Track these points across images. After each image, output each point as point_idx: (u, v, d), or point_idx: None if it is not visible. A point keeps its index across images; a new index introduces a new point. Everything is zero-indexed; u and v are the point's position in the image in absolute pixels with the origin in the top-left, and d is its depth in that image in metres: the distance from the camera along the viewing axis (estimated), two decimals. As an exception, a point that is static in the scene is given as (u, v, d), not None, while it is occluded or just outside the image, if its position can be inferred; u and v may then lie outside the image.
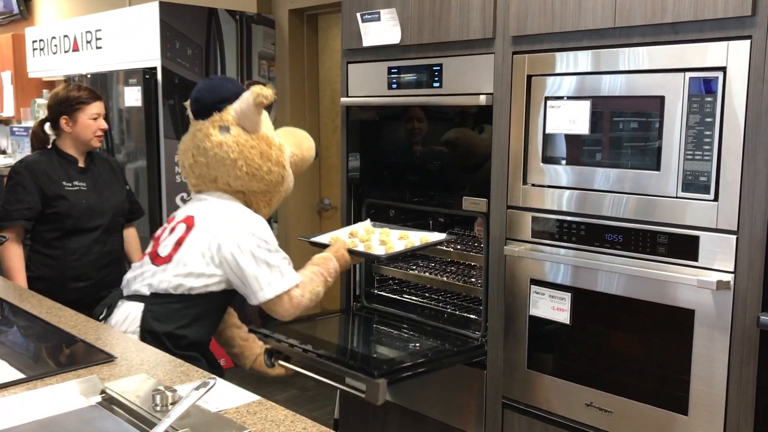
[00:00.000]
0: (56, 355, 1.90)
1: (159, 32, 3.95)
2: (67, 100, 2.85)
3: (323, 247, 2.52)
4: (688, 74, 2.00)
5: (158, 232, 2.37)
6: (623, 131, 2.18)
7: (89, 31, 4.58)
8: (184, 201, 4.11)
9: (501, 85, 2.43)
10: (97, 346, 1.84)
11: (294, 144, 2.40)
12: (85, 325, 2.04)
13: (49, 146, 2.94)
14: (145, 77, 4.01)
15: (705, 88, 1.97)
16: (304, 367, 2.53)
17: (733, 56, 1.91)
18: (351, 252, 2.45)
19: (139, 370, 1.68)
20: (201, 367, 2.13)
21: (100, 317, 2.27)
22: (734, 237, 1.94)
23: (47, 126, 2.94)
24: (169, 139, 4.02)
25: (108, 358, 1.75)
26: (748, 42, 1.89)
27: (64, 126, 2.86)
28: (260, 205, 2.35)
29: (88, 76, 4.46)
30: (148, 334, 2.16)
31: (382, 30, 2.77)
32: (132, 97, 4.07)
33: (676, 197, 2.04)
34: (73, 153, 2.91)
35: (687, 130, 2.01)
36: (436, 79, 2.64)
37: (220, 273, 2.19)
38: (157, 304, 2.19)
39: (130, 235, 3.15)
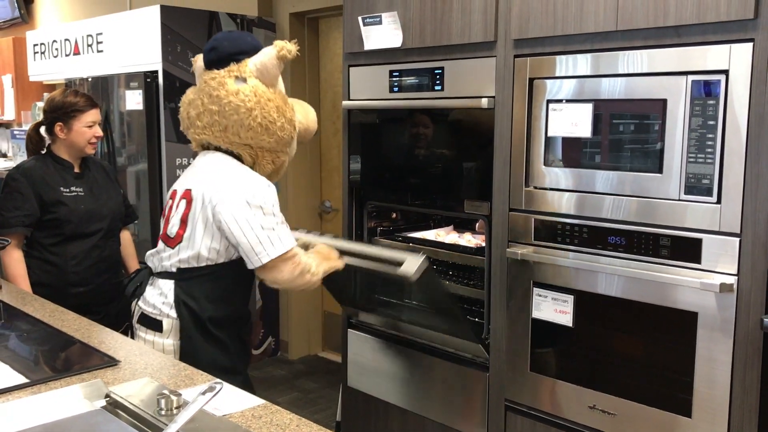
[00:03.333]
0: (60, 358, 1.90)
1: (160, 36, 3.95)
2: (62, 106, 2.83)
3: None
4: (691, 77, 2.00)
5: (165, 210, 2.36)
6: (625, 134, 2.18)
7: (90, 35, 4.58)
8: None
9: (503, 88, 2.43)
10: (100, 350, 1.84)
11: (301, 112, 2.40)
12: (88, 329, 2.04)
13: (44, 151, 2.92)
14: (147, 80, 4.01)
15: (707, 91, 1.97)
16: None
17: (735, 59, 1.91)
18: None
19: (143, 373, 1.68)
20: (228, 356, 2.24)
21: (131, 296, 2.32)
22: (737, 239, 1.95)
23: (42, 129, 2.91)
24: (170, 142, 4.02)
25: (112, 361, 1.75)
26: (750, 45, 1.89)
27: (58, 132, 2.84)
28: (266, 162, 2.32)
29: (89, 79, 4.46)
30: (184, 308, 2.19)
31: (384, 33, 2.78)
32: (133, 100, 4.07)
33: (679, 200, 2.04)
34: (67, 158, 2.89)
35: (689, 132, 2.01)
36: (438, 82, 2.64)
37: (226, 242, 2.20)
38: (186, 279, 2.21)
39: (125, 239, 3.13)
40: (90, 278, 2.86)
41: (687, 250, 2.03)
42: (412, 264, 2.25)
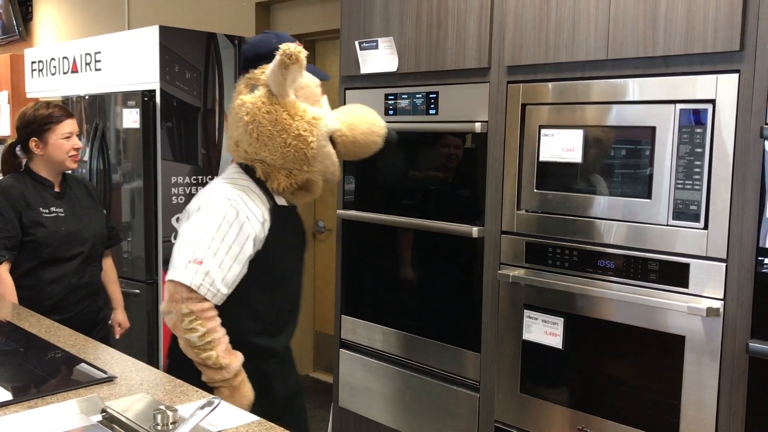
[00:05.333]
0: (56, 374, 1.91)
1: (159, 56, 4.00)
2: (35, 120, 2.64)
3: None
4: (679, 105, 2.06)
5: None
6: (615, 160, 2.23)
7: (89, 53, 4.62)
8: (179, 221, 4.13)
9: (496, 113, 2.48)
10: (96, 366, 1.85)
11: (348, 123, 2.00)
12: (84, 345, 2.05)
13: (22, 169, 2.71)
14: (144, 99, 4.05)
15: (695, 119, 2.03)
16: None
17: (722, 89, 1.97)
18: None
19: (138, 389, 1.70)
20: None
21: None
22: (724, 265, 1.99)
23: (18, 149, 2.72)
24: (166, 160, 4.05)
25: (108, 377, 1.77)
26: (736, 76, 1.95)
27: (34, 149, 2.64)
28: (280, 177, 1.98)
29: (86, 97, 4.50)
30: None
31: (380, 58, 2.83)
32: (130, 118, 4.11)
33: (667, 225, 2.09)
34: (47, 176, 2.68)
35: (677, 159, 2.07)
36: (433, 106, 2.69)
37: None
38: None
39: (107, 264, 2.91)
40: (68, 306, 2.65)
41: (675, 274, 2.08)
42: None
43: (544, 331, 2.37)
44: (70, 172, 2.80)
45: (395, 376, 2.90)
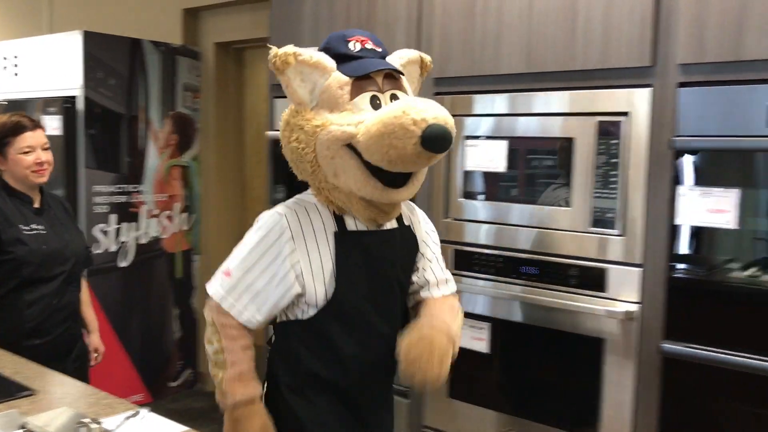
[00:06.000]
0: (-29, 390, 1.84)
1: (82, 61, 3.89)
2: None
3: None
4: (597, 118, 2.15)
5: None
6: (537, 170, 2.31)
7: (5, 57, 4.46)
8: (103, 232, 4.03)
9: (424, 124, 2.53)
10: (15, 380, 1.80)
11: (367, 125, 1.51)
12: (1, 359, 1.98)
13: None
14: (65, 106, 3.93)
15: (611, 131, 2.13)
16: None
17: (635, 103, 2.07)
18: None
19: (60, 403, 1.66)
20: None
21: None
22: (639, 270, 2.09)
23: None
24: (90, 169, 3.95)
25: (27, 391, 1.72)
26: (649, 90, 2.05)
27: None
28: (334, 199, 1.63)
29: (5, 102, 4.34)
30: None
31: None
32: (51, 125, 3.98)
33: (586, 232, 2.18)
34: (23, 190, 2.50)
35: (595, 169, 2.16)
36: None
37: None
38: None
39: (82, 285, 2.71)
40: (48, 329, 2.46)
41: (594, 279, 2.16)
42: None
43: (471, 336, 2.43)
44: (45, 186, 2.60)
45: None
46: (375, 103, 1.56)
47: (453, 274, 2.45)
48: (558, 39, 2.20)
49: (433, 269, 1.82)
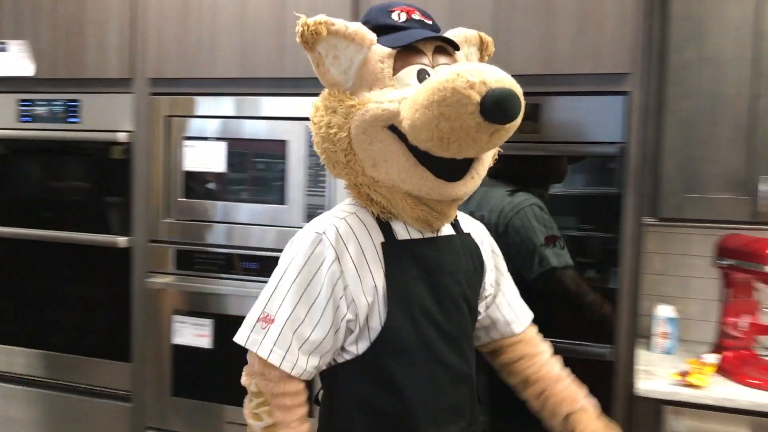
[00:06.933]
0: None
1: None
2: None
3: None
4: (306, 122, 2.32)
5: None
6: (256, 170, 2.43)
7: None
8: None
9: (141, 124, 2.52)
10: None
11: (412, 99, 1.22)
12: None
13: None
14: None
15: (320, 134, 2.32)
16: None
17: (340, 109, 2.28)
18: None
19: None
20: None
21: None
22: (346, 260, 2.31)
23: None
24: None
25: None
26: (351, 98, 2.28)
27: None
28: (375, 197, 1.37)
29: None
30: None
31: (12, 61, 2.67)
32: None
33: (300, 227, 2.33)
34: None
35: (307, 170, 2.34)
36: (74, 114, 2.62)
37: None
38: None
39: None
40: None
41: (308, 271, 2.34)
42: None
43: (194, 333, 2.47)
44: None
45: (40, 399, 2.74)
46: (423, 78, 1.28)
47: (175, 275, 2.50)
48: (269, 47, 2.35)
49: (508, 293, 1.56)
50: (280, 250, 2.38)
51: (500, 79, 1.12)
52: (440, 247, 1.38)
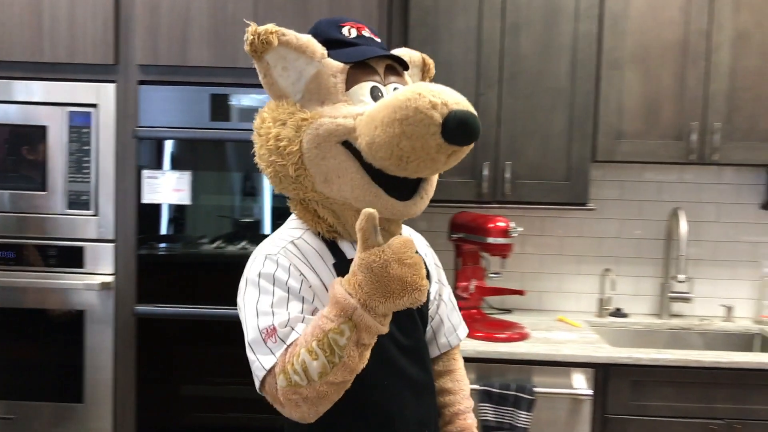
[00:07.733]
0: None
1: None
2: None
3: None
4: (68, 108, 2.32)
5: None
6: (12, 156, 2.37)
7: None
8: None
9: None
10: None
11: (370, 115, 1.20)
12: None
13: None
14: None
15: (81, 120, 2.33)
16: None
17: (102, 96, 2.31)
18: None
19: None
20: None
21: None
22: (112, 245, 2.35)
23: None
24: None
25: None
26: (114, 85, 2.32)
27: None
28: (323, 214, 1.34)
29: None
30: None
31: None
32: None
33: (63, 214, 2.34)
34: None
35: (69, 156, 2.33)
36: None
37: None
38: None
39: None
40: None
41: (72, 257, 2.35)
42: None
43: (-55, 327, 2.36)
44: None
45: None
46: (376, 95, 1.27)
47: None
48: (25, 31, 2.30)
49: (448, 304, 1.58)
50: (43, 238, 2.39)
51: (459, 101, 1.14)
52: None
